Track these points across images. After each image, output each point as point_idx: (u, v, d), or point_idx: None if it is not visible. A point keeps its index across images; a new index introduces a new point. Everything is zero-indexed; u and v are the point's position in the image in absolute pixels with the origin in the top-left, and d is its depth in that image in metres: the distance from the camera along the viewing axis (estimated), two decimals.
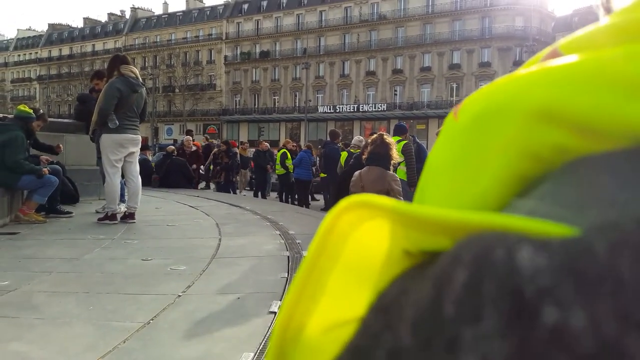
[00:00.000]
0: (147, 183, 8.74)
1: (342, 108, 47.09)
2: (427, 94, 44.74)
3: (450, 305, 0.16)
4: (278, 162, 11.92)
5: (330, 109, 47.57)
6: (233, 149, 12.72)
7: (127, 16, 63.74)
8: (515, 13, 41.71)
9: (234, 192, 12.36)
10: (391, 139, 4.09)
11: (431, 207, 0.19)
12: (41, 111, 5.99)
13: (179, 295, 2.87)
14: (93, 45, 62.18)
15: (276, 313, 2.51)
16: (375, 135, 4.15)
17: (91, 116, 5.33)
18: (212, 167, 12.39)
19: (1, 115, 6.22)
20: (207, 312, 2.60)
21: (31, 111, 5.57)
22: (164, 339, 2.27)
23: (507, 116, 0.22)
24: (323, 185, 10.87)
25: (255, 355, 2.08)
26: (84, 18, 67.61)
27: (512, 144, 0.21)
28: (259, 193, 12.55)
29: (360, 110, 46.22)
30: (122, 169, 5.34)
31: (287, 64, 50.59)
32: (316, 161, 11.79)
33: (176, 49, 55.16)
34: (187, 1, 59.82)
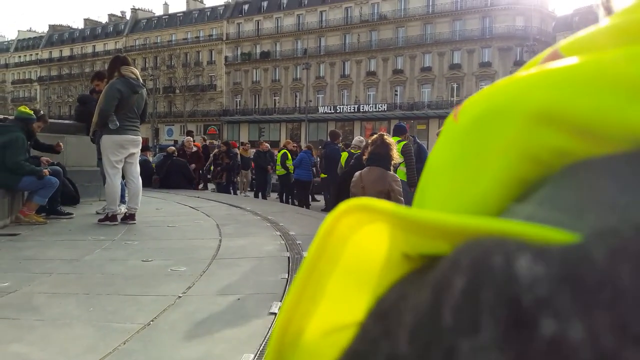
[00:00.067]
0: (148, 184, 8.75)
1: (343, 108, 47.09)
2: (428, 94, 44.73)
3: (448, 312, 0.16)
4: (278, 163, 11.93)
5: (330, 110, 47.58)
6: (233, 150, 12.73)
7: (128, 17, 63.82)
8: (515, 13, 41.70)
9: (235, 193, 12.37)
10: (391, 140, 4.08)
11: (430, 212, 0.19)
12: (42, 112, 6.00)
13: (180, 296, 2.86)
14: (93, 46, 62.23)
15: (276, 314, 2.51)
16: (375, 135, 4.14)
17: (92, 117, 5.33)
18: (213, 168, 12.39)
19: (2, 116, 6.23)
20: (208, 313, 2.60)
21: (32, 112, 5.58)
22: (165, 340, 2.27)
23: (507, 118, 0.22)
24: (323, 185, 10.87)
25: (255, 356, 2.08)
26: (85, 19, 67.74)
27: (512, 147, 0.21)
28: (260, 194, 12.57)
29: (360, 110, 46.22)
30: (123, 170, 5.34)
31: (288, 65, 50.61)
32: (316, 162, 11.79)
33: (177, 50, 55.20)
34: (188, 2, 59.86)
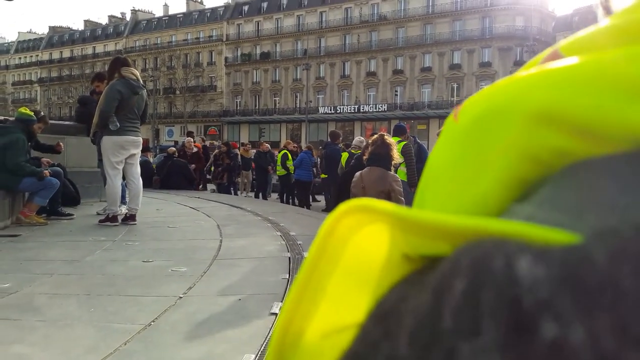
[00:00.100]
0: (148, 184, 8.75)
1: (343, 109, 47.10)
2: (428, 94, 44.73)
3: (448, 314, 0.16)
4: (279, 163, 11.94)
5: (330, 110, 47.57)
6: (234, 150, 12.73)
7: (128, 18, 63.84)
8: (515, 13, 41.69)
9: (235, 194, 12.38)
10: (392, 140, 4.08)
11: (430, 213, 0.19)
12: (42, 113, 6.00)
13: (180, 296, 2.87)
14: (94, 47, 62.25)
15: (277, 314, 2.51)
16: (375, 135, 4.14)
17: (92, 118, 5.34)
18: (214, 169, 12.40)
19: (2, 117, 6.24)
20: (208, 314, 2.60)
21: (32, 114, 5.58)
22: (165, 341, 2.27)
23: (507, 118, 0.22)
24: (324, 186, 10.87)
25: (256, 356, 2.08)
26: (85, 20, 67.86)
27: (512, 147, 0.21)
28: (260, 194, 12.57)
29: (360, 110, 46.21)
30: (123, 171, 5.34)
31: (288, 65, 50.62)
32: (317, 162, 11.79)
33: (177, 51, 55.22)
34: (188, 3, 59.88)
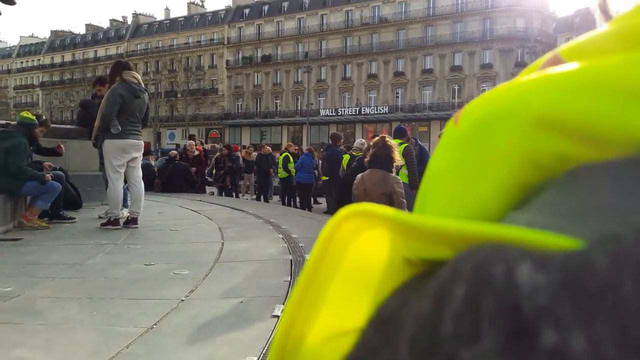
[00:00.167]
0: (150, 188, 8.76)
1: (344, 111, 47.11)
2: (429, 96, 44.72)
3: (449, 320, 0.16)
4: (280, 166, 11.95)
5: (332, 112, 47.59)
6: (235, 153, 12.74)
7: (129, 22, 64.00)
8: (516, 14, 41.70)
9: (237, 196, 12.39)
10: (393, 142, 4.08)
11: (430, 218, 0.19)
12: (44, 117, 6.02)
13: (182, 299, 2.87)
14: (95, 51, 62.43)
15: (279, 317, 2.50)
16: (377, 138, 4.14)
17: (94, 122, 5.35)
18: (215, 172, 12.41)
19: (4, 122, 6.25)
20: (210, 317, 2.60)
21: (34, 118, 5.60)
22: (168, 344, 2.27)
23: (508, 123, 0.22)
24: (325, 188, 10.88)
25: (258, 359, 2.08)
26: (86, 24, 68.02)
27: (513, 151, 0.21)
28: (262, 196, 12.58)
29: (362, 113, 46.22)
30: (125, 174, 5.35)
31: (289, 68, 50.67)
32: (318, 164, 11.80)
33: (178, 54, 55.35)
34: (189, 6, 60.03)
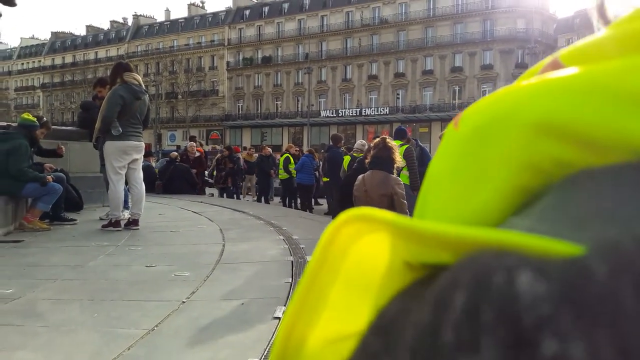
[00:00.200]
0: (151, 189, 8.77)
1: (345, 112, 47.11)
2: (430, 97, 44.73)
3: (448, 330, 0.15)
4: (281, 167, 11.95)
5: (332, 114, 47.60)
6: (236, 154, 12.75)
7: (130, 23, 64.08)
8: (516, 15, 41.71)
9: (238, 197, 12.39)
10: (394, 143, 4.08)
11: (430, 222, 0.19)
12: (45, 119, 6.01)
13: (183, 301, 2.86)
14: (96, 52, 62.50)
15: (280, 318, 2.50)
16: (377, 139, 4.14)
17: (94, 124, 5.36)
18: (216, 173, 12.41)
19: (5, 123, 6.26)
20: (212, 318, 2.60)
21: (35, 119, 5.60)
22: (169, 346, 2.27)
23: (508, 128, 0.22)
24: (326, 189, 10.87)
25: None
26: (87, 26, 68.10)
27: (513, 156, 0.21)
28: (262, 198, 12.58)
29: (362, 114, 46.23)
30: (126, 176, 5.36)
31: (289, 69, 50.70)
32: (318, 165, 11.80)
33: (178, 56, 55.39)
34: (189, 8, 60.09)
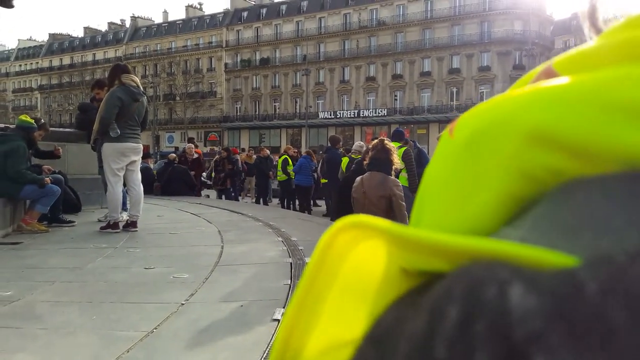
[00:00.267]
0: (149, 191, 8.75)
1: (343, 114, 47.15)
2: (427, 99, 44.78)
3: (441, 344, 0.15)
4: (279, 169, 11.95)
5: (330, 115, 47.63)
6: (234, 156, 12.75)
7: (127, 25, 64.04)
8: (513, 17, 41.80)
9: (236, 199, 12.39)
10: (392, 145, 4.09)
11: (424, 231, 0.19)
12: (42, 121, 6.01)
13: (182, 303, 2.86)
14: (94, 54, 62.42)
15: (280, 321, 2.50)
16: (376, 140, 4.15)
17: (92, 125, 5.35)
18: (214, 175, 12.40)
19: (3, 125, 6.25)
20: (211, 321, 2.60)
21: (33, 121, 5.59)
22: (168, 348, 2.27)
23: (502, 136, 0.22)
24: (325, 191, 10.87)
25: None
26: (85, 27, 68.00)
27: (507, 164, 0.21)
28: (261, 199, 12.58)
29: (360, 115, 46.26)
30: (124, 178, 5.35)
31: (287, 71, 50.72)
32: (317, 167, 11.81)
33: (176, 57, 55.35)
34: (187, 9, 60.09)
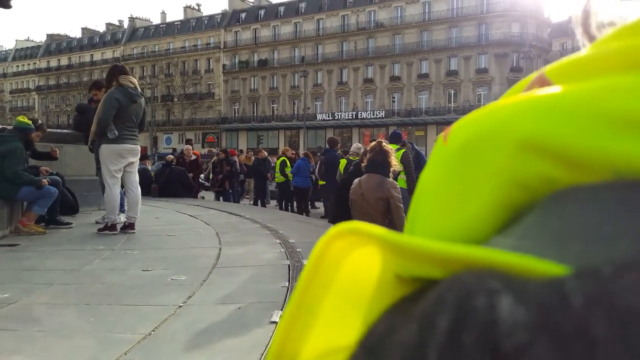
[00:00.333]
0: (147, 193, 8.73)
1: (341, 115, 47.18)
2: (425, 101, 44.86)
3: (432, 354, 0.16)
4: (277, 170, 11.95)
5: (328, 117, 47.65)
6: (232, 157, 12.74)
7: (125, 26, 63.99)
8: (511, 19, 41.91)
9: (234, 201, 12.37)
10: (390, 147, 4.09)
11: (418, 239, 0.19)
12: (40, 122, 6.00)
13: (180, 305, 2.86)
14: (91, 55, 62.35)
15: (277, 323, 2.50)
16: (373, 142, 4.16)
17: (90, 126, 5.34)
18: (212, 176, 12.39)
19: (0, 126, 6.23)
20: (208, 323, 2.60)
21: (30, 122, 5.59)
22: (166, 351, 2.27)
23: (494, 145, 0.22)
24: (323, 192, 10.87)
25: None
26: (82, 28, 67.98)
27: (500, 173, 0.22)
28: (259, 201, 12.57)
29: (358, 117, 46.30)
30: (122, 179, 5.34)
31: (286, 72, 50.74)
32: (315, 169, 11.81)
33: (174, 58, 55.32)
34: (185, 11, 60.08)
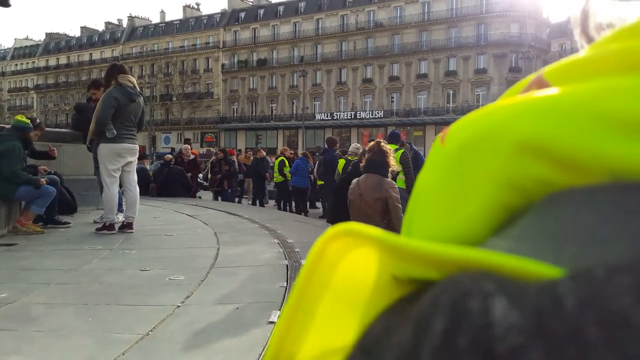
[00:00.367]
0: (145, 192, 8.74)
1: (340, 115, 47.18)
2: (424, 101, 44.88)
3: (427, 356, 0.16)
4: (276, 170, 11.95)
5: (327, 117, 47.65)
6: (231, 157, 12.73)
7: (125, 25, 63.93)
8: (510, 20, 41.94)
9: (233, 201, 12.37)
10: (388, 147, 4.10)
11: (414, 240, 0.19)
12: (38, 121, 5.99)
13: (178, 305, 2.86)
14: (90, 54, 62.26)
15: (275, 323, 2.50)
16: (372, 142, 4.16)
17: (89, 126, 5.33)
18: (211, 176, 12.39)
19: None
20: (206, 323, 2.60)
21: (28, 121, 5.58)
22: (164, 351, 2.27)
23: (491, 147, 0.22)
24: (321, 192, 10.87)
25: None
26: (81, 27, 67.82)
27: (497, 174, 0.22)
28: (257, 201, 12.56)
29: (357, 117, 46.30)
30: (120, 179, 5.33)
31: (284, 72, 50.72)
32: (313, 168, 11.81)
33: (173, 58, 55.27)
34: (184, 10, 60.03)
